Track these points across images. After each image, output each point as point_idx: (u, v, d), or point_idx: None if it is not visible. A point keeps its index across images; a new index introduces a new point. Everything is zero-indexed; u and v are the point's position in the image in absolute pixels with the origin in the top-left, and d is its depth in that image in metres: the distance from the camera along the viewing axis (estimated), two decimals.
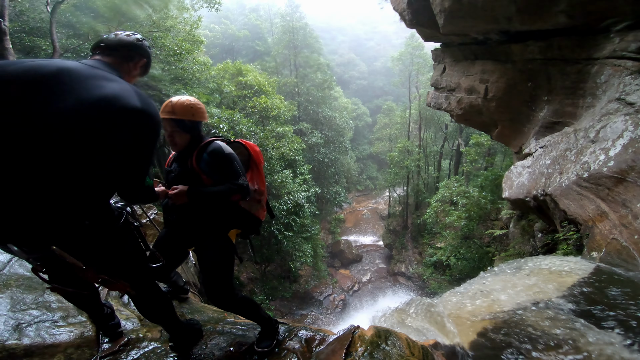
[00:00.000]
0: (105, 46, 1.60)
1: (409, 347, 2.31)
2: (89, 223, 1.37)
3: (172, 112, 2.00)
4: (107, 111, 1.27)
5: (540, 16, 5.26)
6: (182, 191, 1.92)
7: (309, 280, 19.74)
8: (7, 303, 1.98)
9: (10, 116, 1.17)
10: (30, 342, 1.78)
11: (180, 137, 2.06)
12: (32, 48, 11.35)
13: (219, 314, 2.91)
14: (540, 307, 2.72)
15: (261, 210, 2.40)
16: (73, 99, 1.23)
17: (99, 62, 1.50)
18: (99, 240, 1.46)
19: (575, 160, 4.42)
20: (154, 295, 1.82)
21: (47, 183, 1.21)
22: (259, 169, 2.42)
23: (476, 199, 13.08)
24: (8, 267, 2.33)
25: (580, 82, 5.41)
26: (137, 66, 1.72)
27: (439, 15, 6.63)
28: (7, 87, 1.19)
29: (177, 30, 13.67)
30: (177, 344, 2.06)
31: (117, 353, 1.96)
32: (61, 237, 1.34)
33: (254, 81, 17.15)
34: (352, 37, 67.23)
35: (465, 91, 8.38)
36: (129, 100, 1.33)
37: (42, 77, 1.23)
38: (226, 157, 2.02)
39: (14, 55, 6.54)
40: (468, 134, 21.61)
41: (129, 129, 1.34)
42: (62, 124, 1.21)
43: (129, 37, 1.68)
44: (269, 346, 2.26)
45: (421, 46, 25.85)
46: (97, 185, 1.36)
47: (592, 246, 3.84)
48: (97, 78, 1.34)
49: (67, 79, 1.27)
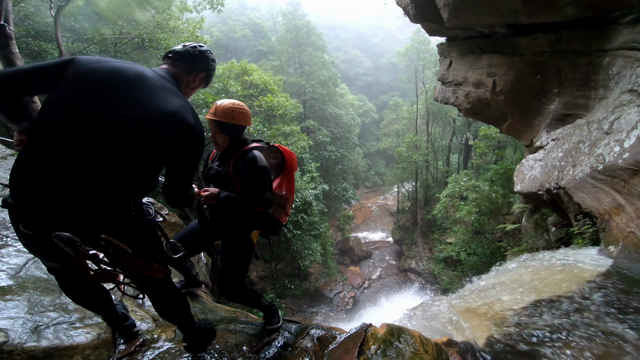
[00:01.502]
0: (173, 56, 1.72)
1: (422, 345, 2.29)
2: (135, 214, 1.50)
3: (214, 114, 2.14)
4: (169, 123, 1.43)
5: (547, 9, 5.19)
6: (213, 194, 2.06)
7: (318, 277, 19.75)
8: (25, 305, 1.99)
9: (90, 113, 1.31)
10: (49, 344, 1.79)
11: (220, 138, 2.20)
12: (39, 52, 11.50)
13: (231, 313, 2.92)
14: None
15: (284, 215, 2.50)
16: (145, 105, 1.39)
17: (167, 72, 1.63)
18: (139, 231, 1.56)
19: (589, 153, 4.35)
20: (171, 294, 1.85)
21: (108, 177, 1.34)
22: (290, 176, 2.54)
23: (487, 193, 12.95)
24: (24, 269, 2.35)
25: (591, 74, 5.33)
26: (197, 79, 1.80)
27: (443, 9, 6.56)
28: (93, 86, 1.34)
29: (180, 31, 13.73)
30: (190, 344, 2.09)
31: (133, 354, 1.98)
32: (110, 225, 1.43)
33: (259, 80, 17.14)
34: (356, 34, 66.83)
35: (473, 85, 8.29)
36: (187, 118, 1.48)
37: (122, 81, 1.39)
38: (258, 170, 2.14)
39: (21, 59, 6.57)
40: (476, 127, 21.38)
41: (182, 142, 1.51)
42: (132, 128, 1.36)
43: (194, 49, 1.77)
44: (277, 322, 2.53)
45: (427, 41, 25.65)
46: (145, 184, 1.50)
47: (608, 240, 3.78)
48: (165, 90, 1.49)
49: (142, 85, 1.42)
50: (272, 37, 40.42)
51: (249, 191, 2.16)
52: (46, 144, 1.29)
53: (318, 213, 17.75)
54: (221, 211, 2.25)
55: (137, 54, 12.87)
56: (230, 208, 2.19)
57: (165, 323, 2.36)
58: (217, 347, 2.17)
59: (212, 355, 2.09)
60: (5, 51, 6.30)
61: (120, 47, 12.19)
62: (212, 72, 1.88)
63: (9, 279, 2.23)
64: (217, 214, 2.28)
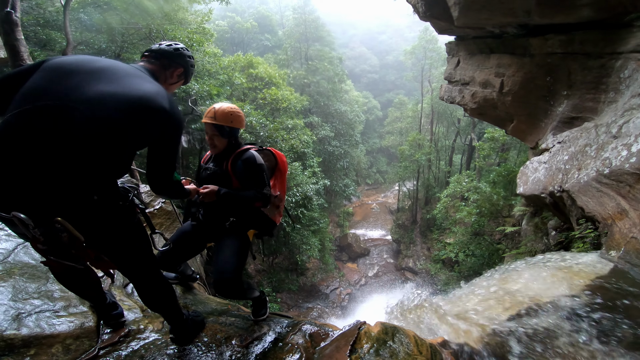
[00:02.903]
0: (149, 55, 1.80)
1: (416, 345, 2.23)
2: (97, 198, 1.41)
3: (214, 118, 2.23)
4: (142, 106, 1.43)
5: (562, 10, 5.10)
6: (213, 191, 2.14)
7: (315, 273, 19.80)
8: (9, 292, 1.94)
9: (56, 93, 1.33)
10: (29, 333, 1.74)
11: (219, 141, 2.29)
12: (47, 41, 11.46)
13: (223, 305, 2.86)
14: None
15: (278, 215, 2.62)
16: (117, 86, 1.41)
17: (143, 67, 1.70)
18: (103, 217, 1.48)
19: (595, 156, 4.27)
20: (156, 282, 1.80)
21: (67, 156, 1.28)
22: (282, 177, 2.67)
23: (488, 195, 12.88)
24: (13, 254, 2.30)
25: (603, 77, 5.24)
26: (174, 74, 1.87)
27: (453, 7, 6.45)
28: (63, 71, 1.39)
29: (188, 22, 13.64)
30: (177, 336, 2.03)
31: (117, 344, 1.92)
32: (68, 209, 1.36)
33: (264, 73, 17.08)
34: (364, 31, 66.47)
35: (480, 85, 8.20)
36: (160, 102, 1.49)
37: (95, 67, 1.43)
38: (257, 167, 2.26)
39: (25, 46, 6.56)
40: (481, 128, 21.26)
41: (155, 126, 1.50)
42: (101, 106, 1.34)
43: (169, 46, 1.85)
44: (265, 313, 2.56)
45: (435, 40, 25.51)
46: (112, 166, 1.45)
47: (610, 245, 3.72)
48: (139, 77, 1.53)
49: (116, 71, 1.47)
50: (279, 31, 40.23)
51: (248, 187, 2.26)
52: (9, 123, 1.28)
53: (318, 208, 17.72)
54: (218, 209, 2.29)
55: (144, 44, 12.81)
56: (229, 204, 2.25)
57: (153, 314, 2.30)
58: (205, 340, 2.11)
59: (200, 349, 2.03)
60: (10, 37, 6.32)
61: (127, 37, 12.10)
62: (190, 68, 1.95)
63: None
64: (212, 213, 2.32)
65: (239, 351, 2.11)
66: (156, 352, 1.93)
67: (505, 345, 2.33)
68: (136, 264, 1.70)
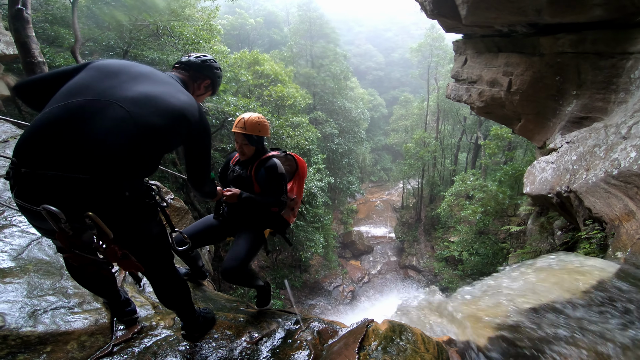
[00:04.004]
0: (179, 66, 1.89)
1: (423, 343, 2.24)
2: (128, 195, 1.43)
3: (244, 128, 2.41)
4: (177, 115, 1.51)
5: (574, 9, 5.05)
6: (235, 194, 2.35)
7: (319, 270, 19.83)
8: (24, 289, 1.95)
9: (97, 90, 1.39)
10: (45, 330, 1.75)
11: (248, 149, 2.50)
12: (56, 37, 11.53)
13: (232, 302, 2.90)
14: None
15: (292, 215, 2.81)
16: (156, 90, 1.50)
17: (176, 76, 1.79)
18: (132, 213, 1.50)
19: (604, 157, 4.24)
20: (173, 280, 1.83)
21: (104, 152, 1.30)
22: (301, 182, 2.88)
23: (494, 194, 12.84)
24: (27, 251, 2.30)
25: (613, 77, 5.20)
26: (202, 86, 1.95)
27: (461, 6, 6.40)
28: (106, 71, 1.48)
29: (195, 19, 13.66)
30: (189, 332, 2.05)
31: (130, 341, 1.95)
32: (100, 204, 1.36)
33: (270, 70, 17.07)
34: (370, 28, 66.15)
35: (487, 84, 8.15)
36: (193, 112, 1.58)
37: (135, 71, 1.53)
38: (278, 176, 2.45)
39: (37, 43, 6.58)
40: (487, 127, 21.14)
41: (187, 133, 1.59)
42: (140, 106, 1.40)
43: (197, 58, 1.92)
44: (267, 303, 2.76)
45: (442, 37, 25.33)
46: (143, 165, 1.49)
47: (617, 246, 3.71)
48: (174, 86, 1.62)
49: (155, 77, 1.56)
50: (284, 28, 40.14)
51: (268, 194, 2.47)
52: (53, 114, 1.31)
53: (322, 205, 17.72)
54: (240, 210, 2.51)
55: (151, 41, 12.85)
56: (249, 207, 2.46)
57: (164, 310, 2.33)
58: (215, 337, 2.13)
59: (211, 345, 2.05)
60: (21, 35, 6.34)
61: (135, 34, 12.15)
62: (218, 79, 2.02)
63: (11, 260, 2.18)
64: (235, 212, 2.55)
65: (249, 347, 2.13)
66: (168, 348, 1.96)
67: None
68: (156, 261, 1.73)
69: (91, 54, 12.65)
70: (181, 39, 11.90)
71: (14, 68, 10.37)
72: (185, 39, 11.88)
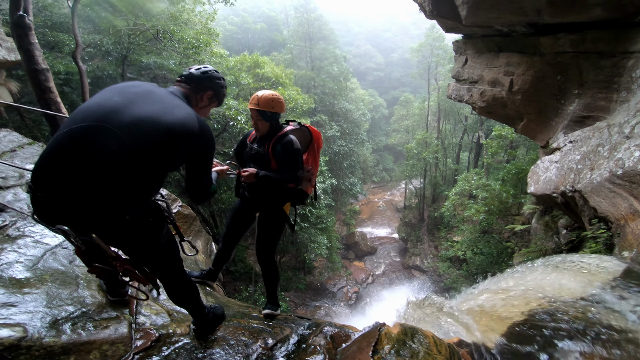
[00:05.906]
0: (182, 80, 1.90)
1: (435, 345, 2.27)
2: (129, 218, 1.49)
3: (257, 104, 2.50)
4: (171, 132, 1.51)
5: (574, 9, 5.07)
6: (252, 173, 2.45)
7: (323, 271, 19.83)
8: (43, 299, 1.95)
9: (101, 113, 1.44)
10: (67, 340, 1.75)
11: (262, 125, 2.58)
12: (56, 43, 11.56)
13: (244, 308, 2.93)
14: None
15: (310, 186, 2.92)
16: (151, 111, 1.50)
17: (177, 90, 1.81)
18: (134, 234, 1.59)
19: (608, 157, 4.26)
20: (182, 283, 1.98)
21: (101, 178, 1.37)
22: (315, 153, 2.96)
23: (497, 193, 12.82)
24: (42, 261, 2.31)
25: (614, 76, 5.22)
26: (205, 97, 1.95)
27: (461, 6, 6.42)
28: (112, 100, 1.51)
29: (193, 23, 13.71)
30: (199, 328, 2.17)
31: (149, 349, 1.98)
32: (102, 227, 1.47)
33: (271, 73, 17.09)
34: (369, 29, 66.10)
35: (489, 84, 8.16)
36: (189, 126, 1.57)
37: (134, 93, 1.56)
38: (294, 152, 2.54)
39: (40, 50, 6.53)
40: (489, 126, 21.14)
41: (187, 148, 1.60)
42: (135, 130, 1.43)
43: (197, 70, 1.92)
44: (276, 309, 2.80)
45: (442, 37, 25.35)
46: (144, 187, 1.54)
47: (623, 245, 3.73)
48: (170, 102, 1.62)
49: (151, 97, 1.58)
50: (284, 31, 40.19)
51: (284, 170, 2.56)
52: (58, 141, 1.39)
53: (325, 207, 17.75)
54: (258, 188, 2.63)
55: (150, 45, 12.90)
56: (267, 184, 2.57)
57: (179, 317, 2.37)
58: (231, 343, 2.16)
59: (227, 351, 2.08)
60: (24, 41, 6.28)
61: (133, 39, 12.21)
62: (221, 89, 2.01)
63: (27, 270, 2.19)
64: (255, 191, 2.67)
65: (264, 353, 2.16)
66: (186, 356, 1.99)
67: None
68: (165, 270, 1.87)
69: (91, 59, 12.73)
70: (182, 42, 11.97)
71: (15, 74, 10.41)
72: (185, 42, 11.95)
